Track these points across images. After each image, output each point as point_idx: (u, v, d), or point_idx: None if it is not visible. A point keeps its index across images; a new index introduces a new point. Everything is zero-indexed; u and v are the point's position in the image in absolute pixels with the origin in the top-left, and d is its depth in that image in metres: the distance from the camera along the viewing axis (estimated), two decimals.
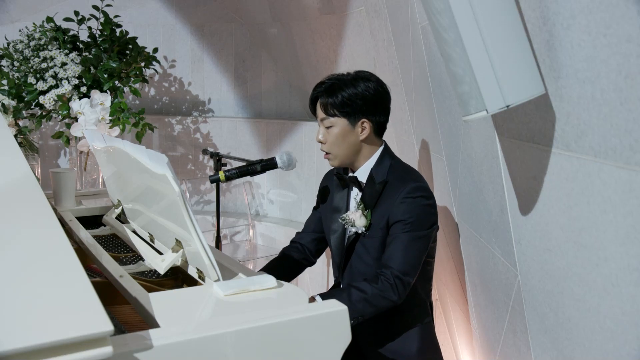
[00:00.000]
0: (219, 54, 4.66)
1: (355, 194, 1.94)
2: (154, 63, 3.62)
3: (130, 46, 3.52)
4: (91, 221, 2.13)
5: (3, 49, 3.43)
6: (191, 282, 1.51)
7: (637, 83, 0.89)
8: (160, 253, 1.61)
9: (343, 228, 1.93)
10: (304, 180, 4.27)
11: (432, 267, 1.98)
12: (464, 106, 1.24)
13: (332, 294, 1.77)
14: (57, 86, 3.19)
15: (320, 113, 1.88)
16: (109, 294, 1.51)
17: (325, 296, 1.73)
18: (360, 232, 1.87)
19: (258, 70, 4.67)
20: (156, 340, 1.04)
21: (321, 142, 1.90)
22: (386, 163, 1.89)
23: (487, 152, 1.65)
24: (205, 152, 3.09)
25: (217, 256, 1.45)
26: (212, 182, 2.09)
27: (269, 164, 2.05)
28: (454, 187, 2.14)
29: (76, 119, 3.09)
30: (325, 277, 3.73)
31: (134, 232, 1.84)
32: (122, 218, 2.01)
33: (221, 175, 2.05)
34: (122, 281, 1.40)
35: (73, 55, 3.25)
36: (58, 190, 2.20)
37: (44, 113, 3.28)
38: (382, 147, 1.92)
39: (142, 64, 3.51)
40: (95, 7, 3.51)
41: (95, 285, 1.00)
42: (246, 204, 4.42)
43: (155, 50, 3.60)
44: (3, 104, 3.19)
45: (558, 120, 1.16)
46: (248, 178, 4.35)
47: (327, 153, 1.90)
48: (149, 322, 1.20)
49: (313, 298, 1.71)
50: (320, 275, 3.72)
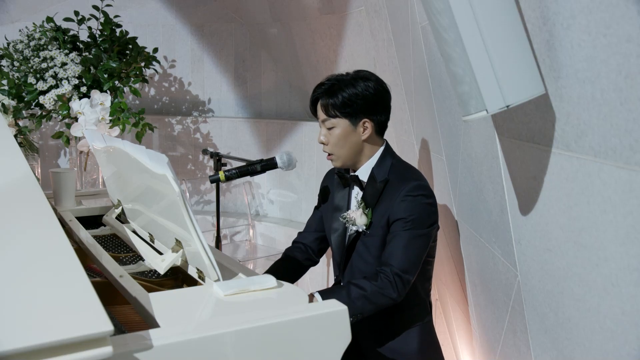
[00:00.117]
0: (219, 54, 4.66)
1: (356, 192, 1.94)
2: (154, 63, 3.62)
3: (130, 46, 3.52)
4: (91, 221, 2.13)
5: (3, 49, 3.43)
6: (191, 282, 1.51)
7: (637, 83, 0.89)
8: (160, 253, 1.61)
9: (344, 227, 1.93)
10: (304, 180, 4.27)
11: (432, 267, 1.98)
12: (464, 106, 1.24)
13: (331, 291, 1.77)
14: (57, 86, 3.19)
15: (322, 114, 1.88)
16: (109, 294, 1.51)
17: (324, 293, 1.73)
18: (361, 230, 1.87)
19: (258, 70, 4.67)
20: (156, 340, 1.04)
21: (323, 144, 1.90)
22: (387, 162, 1.89)
23: (487, 152, 1.65)
24: (205, 152, 3.09)
25: (217, 256, 1.45)
26: (212, 182, 2.09)
27: (269, 164, 2.05)
28: (454, 187, 2.14)
29: (76, 119, 3.09)
30: (325, 276, 3.73)
31: (134, 232, 1.84)
32: (122, 218, 2.01)
33: (221, 175, 2.05)
34: (122, 281, 1.40)
35: (73, 55, 3.25)
36: (58, 190, 2.20)
37: (44, 113, 3.28)
38: (383, 146, 1.92)
39: (142, 64, 3.51)
40: (95, 7, 3.51)
41: (95, 285, 1.00)
42: (246, 204, 4.42)
43: (155, 50, 3.60)
44: (3, 104, 3.19)
45: (558, 120, 1.16)
46: (248, 178, 4.36)
47: (330, 154, 1.90)
48: (149, 322, 1.20)
49: (312, 295, 1.71)
50: (320, 274, 3.72)
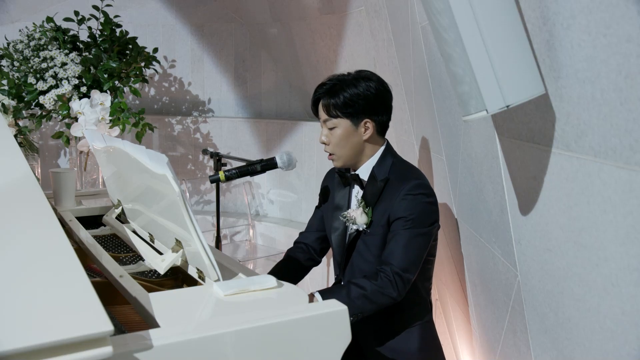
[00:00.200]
0: (219, 54, 4.66)
1: (357, 191, 1.94)
2: (154, 63, 3.62)
3: (130, 46, 3.52)
4: (91, 221, 2.13)
5: (3, 49, 3.43)
6: (191, 282, 1.51)
7: (637, 83, 0.89)
8: (160, 253, 1.61)
9: (344, 226, 1.93)
10: (304, 180, 4.27)
11: (432, 266, 1.98)
12: (464, 106, 1.24)
13: (331, 290, 1.77)
14: (57, 86, 3.19)
15: (323, 114, 1.88)
16: (109, 294, 1.51)
17: (324, 293, 1.73)
18: (361, 229, 1.87)
19: (258, 70, 4.67)
20: (156, 340, 1.04)
21: (325, 144, 1.90)
22: (388, 161, 1.89)
23: (487, 152, 1.65)
24: (205, 152, 3.09)
25: (217, 256, 1.45)
26: (212, 182, 2.09)
27: (269, 164, 2.05)
28: (454, 187, 2.14)
29: (76, 119, 3.09)
30: (325, 276, 3.73)
31: (134, 232, 1.84)
32: (122, 218, 2.01)
33: (221, 175, 2.05)
34: (122, 281, 1.40)
35: (73, 55, 3.25)
36: (58, 190, 2.20)
37: (44, 113, 3.28)
38: (384, 145, 1.92)
39: (142, 64, 3.51)
40: (95, 7, 3.51)
41: (95, 285, 1.00)
42: (246, 204, 4.42)
43: (155, 50, 3.60)
44: (3, 104, 3.19)
45: (558, 120, 1.16)
46: (248, 178, 4.36)
47: (331, 154, 1.90)
48: (149, 322, 1.20)
49: (312, 295, 1.71)
50: (320, 274, 3.72)
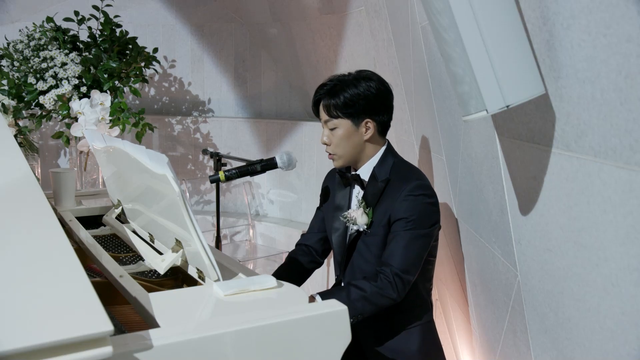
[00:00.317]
0: (219, 54, 4.66)
1: (357, 192, 1.94)
2: (154, 63, 3.62)
3: (130, 46, 3.53)
4: (91, 221, 2.13)
5: (3, 49, 3.43)
6: (191, 282, 1.51)
7: (637, 83, 0.89)
8: (160, 253, 1.61)
9: (345, 226, 1.93)
10: (304, 180, 4.27)
11: (432, 267, 1.98)
12: (464, 106, 1.24)
13: (331, 292, 1.77)
14: (57, 86, 3.19)
15: (324, 115, 1.88)
16: (109, 294, 1.51)
17: (324, 295, 1.73)
18: (361, 230, 1.87)
19: (258, 70, 4.67)
20: (156, 340, 1.04)
21: (326, 144, 1.90)
22: (389, 161, 1.89)
23: (487, 152, 1.65)
24: (205, 152, 3.09)
25: (217, 256, 1.45)
26: (212, 182, 2.09)
27: (269, 164, 2.05)
28: (454, 187, 2.14)
29: (76, 119, 3.09)
30: (325, 277, 3.73)
31: (134, 232, 1.84)
32: (122, 218, 2.01)
33: (221, 175, 2.05)
34: (122, 281, 1.40)
35: (73, 55, 3.25)
36: (58, 190, 2.20)
37: (44, 113, 3.28)
38: (385, 145, 1.92)
39: (142, 64, 3.51)
40: (95, 7, 3.51)
41: (95, 285, 1.00)
42: (246, 204, 4.42)
43: (155, 50, 3.60)
44: (3, 104, 3.19)
45: (558, 120, 1.16)
46: (248, 178, 4.36)
47: (332, 154, 1.90)
48: (149, 322, 1.20)
49: (312, 297, 1.71)
50: (320, 275, 3.72)
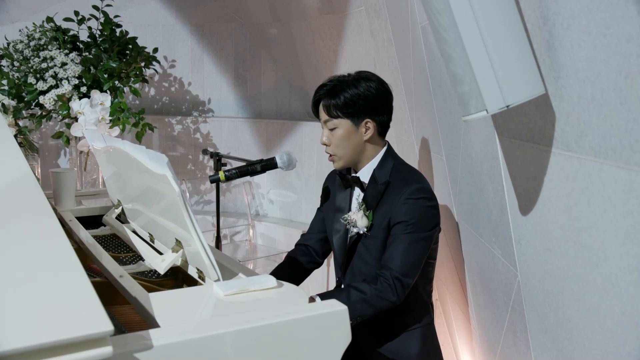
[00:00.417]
0: (219, 54, 4.66)
1: (358, 194, 1.94)
2: (154, 63, 3.62)
3: (130, 46, 3.52)
4: (91, 221, 2.13)
5: (3, 49, 3.43)
6: (191, 282, 1.51)
7: (637, 83, 0.89)
8: (160, 253, 1.61)
9: (345, 228, 1.93)
10: (304, 180, 4.27)
11: (433, 269, 1.98)
12: (464, 106, 1.24)
13: (331, 294, 1.77)
14: (57, 86, 3.19)
15: (324, 115, 1.88)
16: (109, 294, 1.51)
17: (324, 296, 1.73)
18: (362, 232, 1.87)
19: (258, 70, 4.67)
20: (156, 340, 1.04)
21: (325, 145, 1.90)
22: (389, 164, 1.89)
23: (487, 152, 1.65)
24: (205, 152, 3.09)
25: (217, 256, 1.45)
26: (212, 182, 2.09)
27: (269, 164, 2.05)
28: (454, 187, 2.14)
29: (76, 119, 3.09)
30: (325, 277, 3.72)
31: (134, 232, 1.84)
32: (122, 218, 2.01)
33: (221, 175, 2.05)
34: (122, 281, 1.40)
35: (73, 55, 3.25)
36: (58, 190, 2.20)
37: (44, 113, 3.28)
38: (385, 147, 1.92)
39: (142, 64, 3.51)
40: (95, 7, 3.51)
41: (95, 285, 1.00)
42: (246, 204, 4.42)
43: (155, 50, 3.60)
44: (3, 104, 3.19)
45: (558, 120, 1.16)
46: (248, 178, 4.36)
47: (332, 155, 1.90)
48: (149, 322, 1.20)
49: (312, 298, 1.71)
50: (320, 275, 3.72)
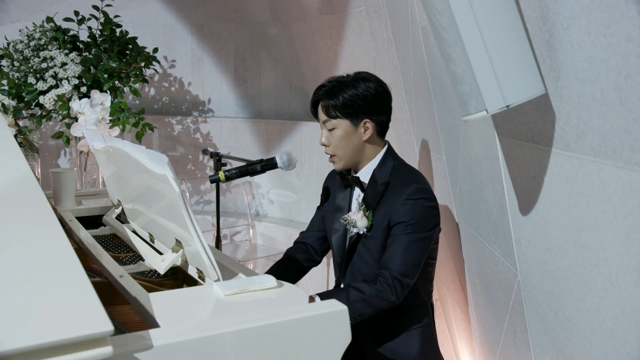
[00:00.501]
0: (219, 54, 4.66)
1: (358, 194, 1.94)
2: (154, 63, 3.62)
3: (130, 46, 3.52)
4: (91, 221, 2.13)
5: (3, 49, 3.43)
6: (191, 282, 1.51)
7: (637, 83, 0.89)
8: (160, 253, 1.61)
9: (345, 228, 1.93)
10: (304, 180, 4.27)
11: (433, 269, 1.98)
12: (464, 106, 1.24)
13: (330, 294, 1.77)
14: (57, 86, 3.19)
15: (322, 116, 1.88)
16: (109, 294, 1.51)
17: (323, 296, 1.73)
18: (361, 233, 1.87)
19: (258, 70, 4.67)
20: (156, 340, 1.04)
21: (325, 145, 1.90)
22: (389, 164, 1.89)
23: (487, 152, 1.65)
24: (205, 152, 3.09)
25: (217, 256, 1.45)
26: (212, 182, 2.09)
27: (269, 164, 2.05)
28: (454, 187, 2.14)
29: (76, 119, 3.09)
30: (325, 277, 3.73)
31: (134, 232, 1.84)
32: (122, 218, 2.01)
33: (221, 175, 2.05)
34: (122, 281, 1.40)
35: (73, 55, 3.25)
36: (58, 190, 2.20)
37: (44, 113, 3.28)
38: (385, 148, 1.92)
39: (142, 64, 3.51)
40: (95, 7, 3.51)
41: (95, 285, 1.00)
42: (246, 204, 4.42)
43: (155, 50, 3.60)
44: (3, 104, 3.19)
45: (558, 120, 1.16)
46: (248, 178, 4.36)
47: (332, 155, 1.90)
48: (149, 322, 1.20)
49: (312, 298, 1.71)
50: (320, 275, 3.72)
